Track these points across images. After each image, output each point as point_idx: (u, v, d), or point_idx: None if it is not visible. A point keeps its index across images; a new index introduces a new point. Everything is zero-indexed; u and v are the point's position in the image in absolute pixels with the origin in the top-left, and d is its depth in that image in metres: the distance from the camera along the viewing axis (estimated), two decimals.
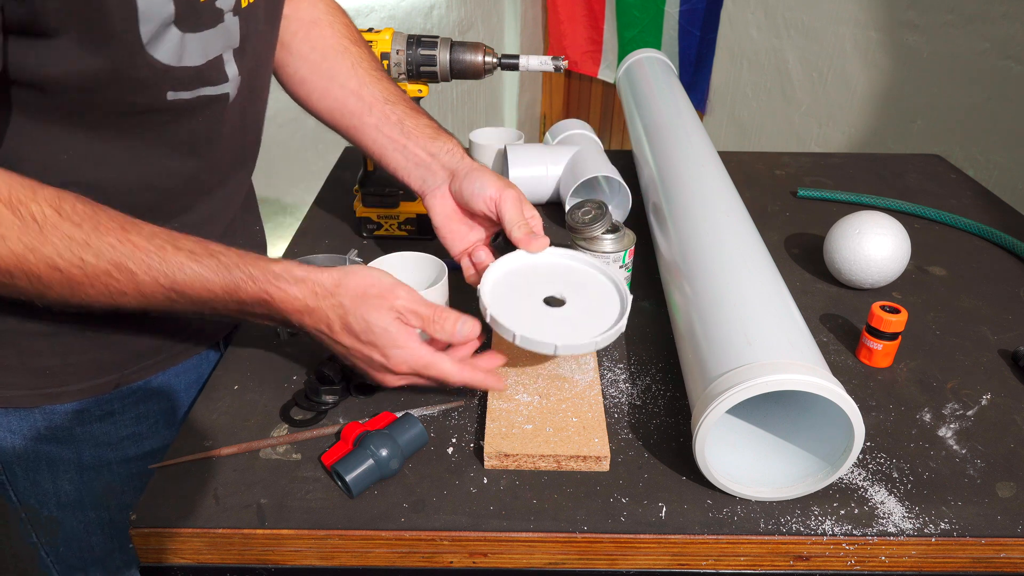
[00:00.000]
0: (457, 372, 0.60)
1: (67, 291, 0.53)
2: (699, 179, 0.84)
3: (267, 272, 0.57)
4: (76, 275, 0.52)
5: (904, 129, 2.05)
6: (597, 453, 0.60)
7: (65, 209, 0.52)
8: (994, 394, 0.71)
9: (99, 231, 0.52)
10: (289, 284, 0.57)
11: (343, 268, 0.59)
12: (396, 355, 0.59)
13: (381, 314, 0.58)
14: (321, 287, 0.58)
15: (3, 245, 0.50)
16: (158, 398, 0.75)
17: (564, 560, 0.57)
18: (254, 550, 0.56)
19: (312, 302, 0.58)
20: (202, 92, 0.60)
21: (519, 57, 0.92)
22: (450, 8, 2.74)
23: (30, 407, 0.68)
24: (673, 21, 2.63)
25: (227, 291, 0.56)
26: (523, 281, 0.69)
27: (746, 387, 0.53)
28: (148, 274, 0.54)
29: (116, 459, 0.74)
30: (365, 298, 0.58)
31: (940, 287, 0.88)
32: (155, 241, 0.54)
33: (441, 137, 0.75)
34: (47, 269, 0.51)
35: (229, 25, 0.59)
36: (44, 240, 0.51)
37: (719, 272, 0.67)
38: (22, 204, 0.50)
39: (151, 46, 0.53)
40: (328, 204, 1.07)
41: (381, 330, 0.58)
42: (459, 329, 0.60)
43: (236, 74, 0.63)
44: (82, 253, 0.52)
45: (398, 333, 0.58)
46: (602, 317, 0.66)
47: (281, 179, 2.47)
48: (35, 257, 0.51)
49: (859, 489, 0.60)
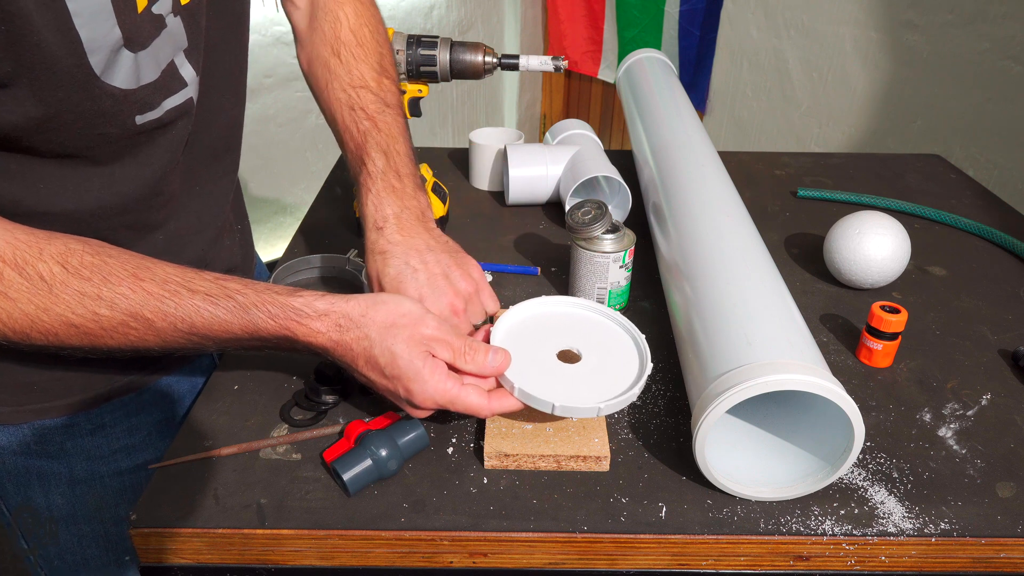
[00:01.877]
0: (487, 405, 0.57)
1: (86, 343, 0.53)
2: (699, 179, 0.84)
3: (287, 309, 0.56)
4: (93, 328, 0.52)
5: (904, 129, 2.05)
6: (597, 453, 0.60)
7: (72, 264, 0.51)
8: (994, 394, 0.71)
9: (110, 282, 0.52)
10: (311, 319, 0.56)
11: (371, 297, 0.58)
12: (420, 391, 0.56)
13: (408, 346, 0.56)
14: (346, 318, 0.56)
15: (15, 308, 0.50)
16: (150, 409, 0.74)
17: (564, 560, 0.57)
18: (254, 550, 0.56)
19: (336, 335, 0.56)
20: (167, 106, 0.59)
21: (519, 57, 0.92)
22: (450, 8, 2.74)
23: (18, 423, 0.67)
24: (673, 21, 2.63)
25: (247, 332, 0.55)
26: (539, 329, 0.66)
27: (746, 387, 0.54)
28: (165, 320, 0.53)
29: (108, 472, 0.73)
30: (393, 328, 0.56)
31: (940, 287, 0.88)
32: (169, 286, 0.53)
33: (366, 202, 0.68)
34: (63, 326, 0.51)
35: (172, 28, 0.58)
36: (55, 299, 0.50)
37: (719, 272, 0.67)
38: (28, 264, 0.50)
39: (106, 75, 0.52)
40: (328, 204, 1.07)
41: (406, 363, 0.55)
42: (490, 361, 0.58)
43: (193, 75, 0.62)
44: (95, 307, 0.51)
45: (423, 366, 0.55)
46: (616, 380, 0.61)
47: (281, 179, 2.47)
48: (48, 317, 0.50)
49: (859, 489, 0.60)
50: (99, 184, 0.59)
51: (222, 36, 0.67)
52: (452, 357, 0.58)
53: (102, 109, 0.54)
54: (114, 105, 0.54)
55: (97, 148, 0.57)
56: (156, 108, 0.58)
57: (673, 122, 1.00)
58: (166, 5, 0.57)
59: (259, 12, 2.20)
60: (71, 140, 0.55)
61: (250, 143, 2.27)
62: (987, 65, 1.81)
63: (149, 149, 0.61)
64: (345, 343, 0.56)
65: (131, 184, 0.61)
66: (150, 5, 0.55)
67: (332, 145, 0.79)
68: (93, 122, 0.54)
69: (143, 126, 0.58)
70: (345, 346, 0.56)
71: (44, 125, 0.52)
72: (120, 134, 0.57)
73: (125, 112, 0.56)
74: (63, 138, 0.54)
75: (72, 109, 0.52)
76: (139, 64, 0.55)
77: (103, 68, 0.52)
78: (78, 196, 0.58)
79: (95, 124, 0.55)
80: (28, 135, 0.53)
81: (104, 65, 0.52)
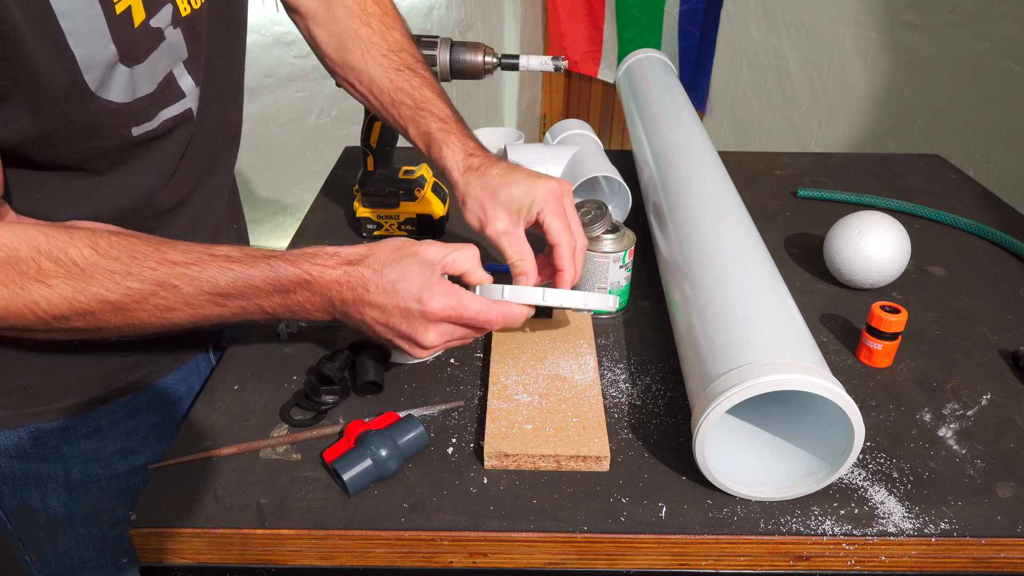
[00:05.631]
0: (487, 308, 0.59)
1: (120, 319, 0.54)
2: (699, 179, 0.84)
3: (302, 255, 0.58)
4: (126, 303, 0.53)
5: (904, 129, 2.05)
6: (597, 453, 0.60)
7: (101, 245, 0.53)
8: (994, 394, 0.71)
9: (137, 258, 0.53)
10: (324, 259, 0.58)
11: (370, 243, 0.61)
12: (430, 296, 0.57)
13: (417, 262, 0.58)
14: (355, 254, 0.59)
15: (53, 293, 0.51)
16: (147, 412, 0.74)
17: (564, 560, 0.57)
18: (254, 550, 0.56)
19: (348, 268, 0.58)
20: (163, 116, 0.60)
21: (519, 57, 0.92)
22: (450, 8, 2.74)
23: (15, 427, 0.67)
24: (673, 21, 2.63)
25: (269, 282, 0.56)
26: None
27: (746, 387, 0.53)
28: (192, 285, 0.54)
29: (105, 475, 0.73)
30: (400, 251, 0.59)
31: (940, 287, 0.88)
32: (191, 255, 0.55)
33: (434, 150, 0.72)
34: (99, 304, 0.53)
35: (172, 40, 0.58)
36: (90, 280, 0.52)
37: (719, 272, 0.67)
38: (61, 251, 0.51)
39: (101, 90, 0.53)
40: (328, 204, 1.07)
41: (415, 274, 0.58)
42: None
43: (192, 85, 0.62)
44: (126, 282, 0.53)
45: (432, 275, 0.58)
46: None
47: (281, 179, 2.47)
48: (85, 297, 0.52)
49: (859, 489, 0.60)
50: (96, 194, 0.60)
51: (221, 44, 0.67)
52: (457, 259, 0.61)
53: (98, 123, 0.54)
54: (109, 119, 0.55)
55: (94, 160, 0.58)
56: (152, 119, 0.59)
57: (673, 122, 1.00)
58: (165, 18, 0.57)
59: (259, 12, 2.20)
60: (67, 154, 0.56)
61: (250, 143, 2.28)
62: (987, 65, 1.81)
63: (146, 159, 0.61)
64: (358, 272, 0.58)
65: (128, 193, 0.62)
66: (148, 19, 0.55)
67: (332, 145, 0.79)
68: (89, 136, 0.55)
69: (139, 137, 0.58)
70: (357, 275, 0.58)
71: (40, 141, 0.53)
72: (116, 146, 0.58)
73: (121, 125, 0.56)
74: (59, 152, 0.55)
75: (68, 125, 0.53)
76: (135, 78, 0.55)
77: (98, 84, 0.52)
78: (76, 206, 0.59)
79: (91, 138, 0.55)
80: (25, 150, 0.53)
81: (99, 81, 0.52)
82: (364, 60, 0.75)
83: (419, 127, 0.73)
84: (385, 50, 0.75)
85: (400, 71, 0.74)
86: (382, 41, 0.75)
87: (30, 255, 0.50)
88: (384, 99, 0.74)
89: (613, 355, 0.75)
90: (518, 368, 0.70)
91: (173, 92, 0.60)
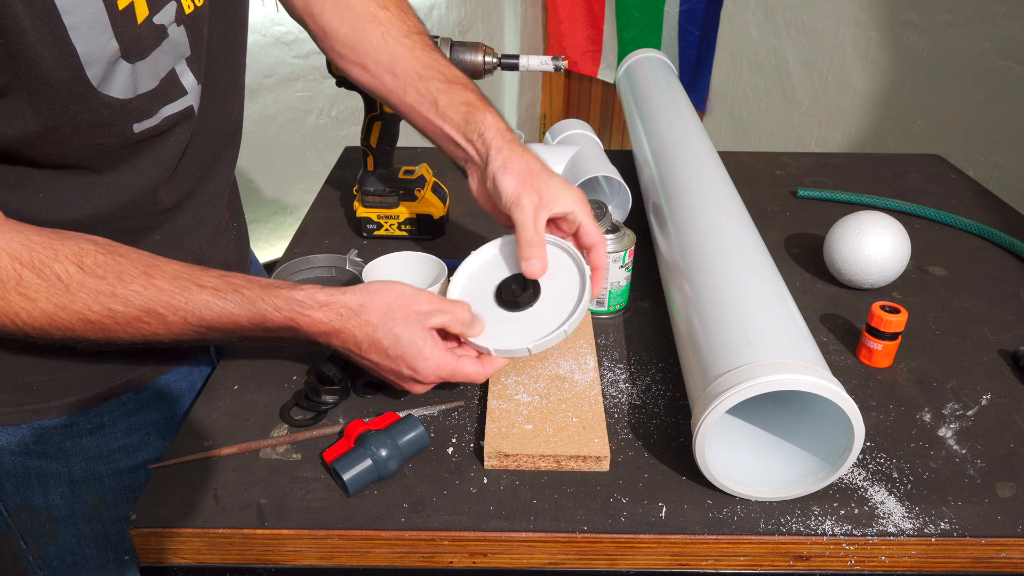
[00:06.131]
0: (482, 371, 0.62)
1: (101, 337, 0.55)
2: (699, 179, 0.84)
3: (291, 301, 0.58)
4: (108, 324, 0.54)
5: (904, 129, 2.05)
6: (597, 453, 0.60)
7: (87, 263, 0.53)
8: (994, 394, 0.71)
9: (123, 280, 0.54)
10: (314, 310, 0.58)
11: (366, 287, 0.60)
12: (424, 367, 0.60)
13: (408, 326, 0.59)
14: (346, 308, 0.59)
15: (34, 307, 0.52)
16: (149, 409, 0.74)
17: (564, 560, 0.57)
18: (254, 550, 0.56)
19: (339, 324, 0.59)
20: (165, 113, 0.60)
21: (519, 57, 0.92)
22: (450, 8, 2.74)
23: (17, 424, 0.67)
24: (673, 21, 2.62)
25: (254, 323, 0.57)
26: (487, 278, 0.70)
27: (746, 387, 0.54)
28: (176, 315, 0.55)
29: (108, 472, 0.73)
30: (391, 312, 0.59)
31: (940, 287, 0.88)
32: (178, 282, 0.55)
33: (475, 117, 0.70)
34: (80, 323, 0.53)
35: (175, 37, 0.58)
36: (72, 298, 0.52)
37: (719, 272, 0.67)
38: (45, 265, 0.51)
39: (103, 86, 0.53)
40: (328, 204, 1.07)
41: (409, 342, 0.59)
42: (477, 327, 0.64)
43: (194, 83, 0.62)
44: (110, 304, 0.53)
45: (424, 344, 0.59)
46: (566, 296, 0.66)
47: (281, 179, 2.47)
48: (66, 314, 0.52)
49: (859, 489, 0.60)
50: (97, 192, 0.60)
51: (223, 42, 0.67)
52: (447, 323, 0.61)
53: (99, 119, 0.54)
54: (111, 115, 0.55)
55: (95, 158, 0.58)
56: (153, 116, 0.59)
57: (673, 122, 1.00)
58: (169, 15, 0.57)
59: (259, 12, 2.20)
60: (69, 151, 0.56)
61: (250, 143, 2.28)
62: (987, 65, 1.81)
63: (147, 157, 0.61)
64: (347, 329, 0.59)
65: (129, 191, 0.62)
66: (151, 16, 0.55)
67: (332, 145, 0.79)
68: (91, 132, 0.55)
69: (140, 134, 0.58)
70: (348, 333, 0.59)
71: (42, 137, 0.53)
72: (117, 143, 0.58)
73: (122, 121, 0.56)
74: (61, 149, 0.55)
75: (69, 120, 0.53)
76: (136, 74, 0.55)
77: (100, 79, 0.52)
78: (77, 204, 0.59)
79: (93, 134, 0.55)
80: (27, 147, 0.54)
81: (101, 77, 0.52)
82: (385, 40, 0.74)
83: (453, 97, 0.71)
84: (406, 31, 0.75)
85: (425, 50, 0.74)
86: (402, 23, 0.75)
87: (11, 266, 0.51)
88: (408, 75, 0.73)
89: (613, 355, 0.75)
90: (518, 368, 0.70)
91: (175, 89, 0.60)
